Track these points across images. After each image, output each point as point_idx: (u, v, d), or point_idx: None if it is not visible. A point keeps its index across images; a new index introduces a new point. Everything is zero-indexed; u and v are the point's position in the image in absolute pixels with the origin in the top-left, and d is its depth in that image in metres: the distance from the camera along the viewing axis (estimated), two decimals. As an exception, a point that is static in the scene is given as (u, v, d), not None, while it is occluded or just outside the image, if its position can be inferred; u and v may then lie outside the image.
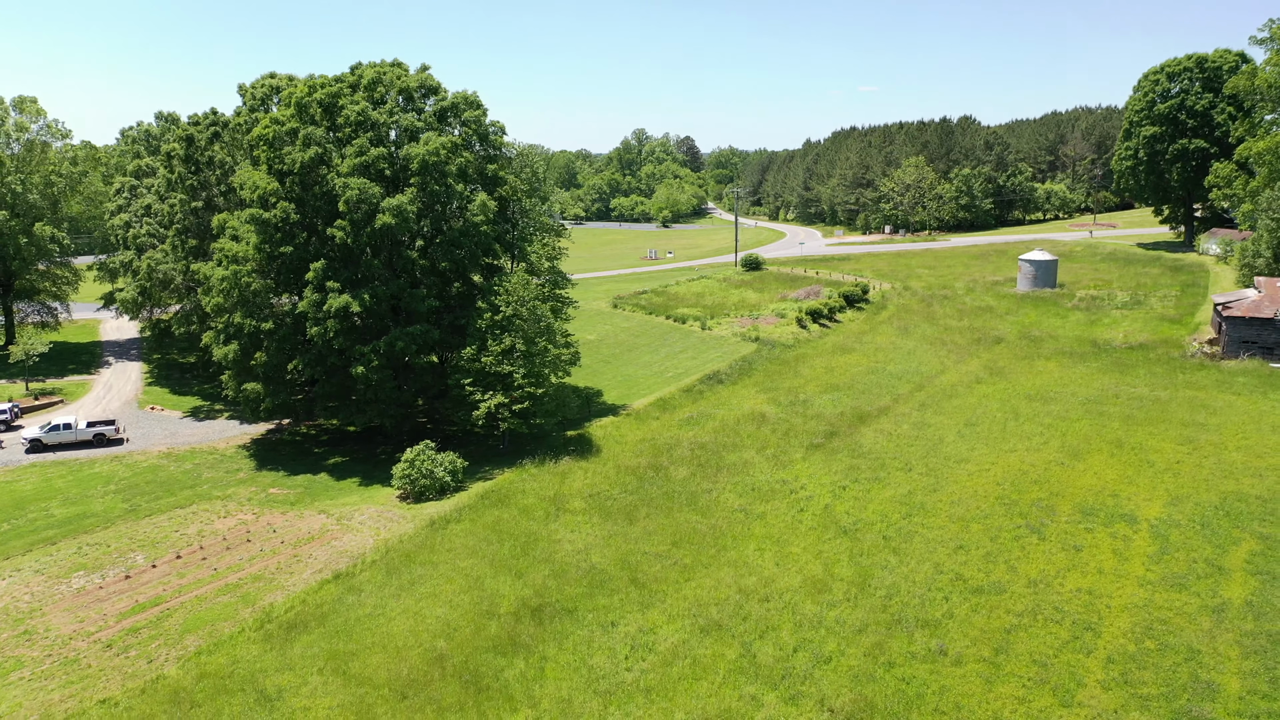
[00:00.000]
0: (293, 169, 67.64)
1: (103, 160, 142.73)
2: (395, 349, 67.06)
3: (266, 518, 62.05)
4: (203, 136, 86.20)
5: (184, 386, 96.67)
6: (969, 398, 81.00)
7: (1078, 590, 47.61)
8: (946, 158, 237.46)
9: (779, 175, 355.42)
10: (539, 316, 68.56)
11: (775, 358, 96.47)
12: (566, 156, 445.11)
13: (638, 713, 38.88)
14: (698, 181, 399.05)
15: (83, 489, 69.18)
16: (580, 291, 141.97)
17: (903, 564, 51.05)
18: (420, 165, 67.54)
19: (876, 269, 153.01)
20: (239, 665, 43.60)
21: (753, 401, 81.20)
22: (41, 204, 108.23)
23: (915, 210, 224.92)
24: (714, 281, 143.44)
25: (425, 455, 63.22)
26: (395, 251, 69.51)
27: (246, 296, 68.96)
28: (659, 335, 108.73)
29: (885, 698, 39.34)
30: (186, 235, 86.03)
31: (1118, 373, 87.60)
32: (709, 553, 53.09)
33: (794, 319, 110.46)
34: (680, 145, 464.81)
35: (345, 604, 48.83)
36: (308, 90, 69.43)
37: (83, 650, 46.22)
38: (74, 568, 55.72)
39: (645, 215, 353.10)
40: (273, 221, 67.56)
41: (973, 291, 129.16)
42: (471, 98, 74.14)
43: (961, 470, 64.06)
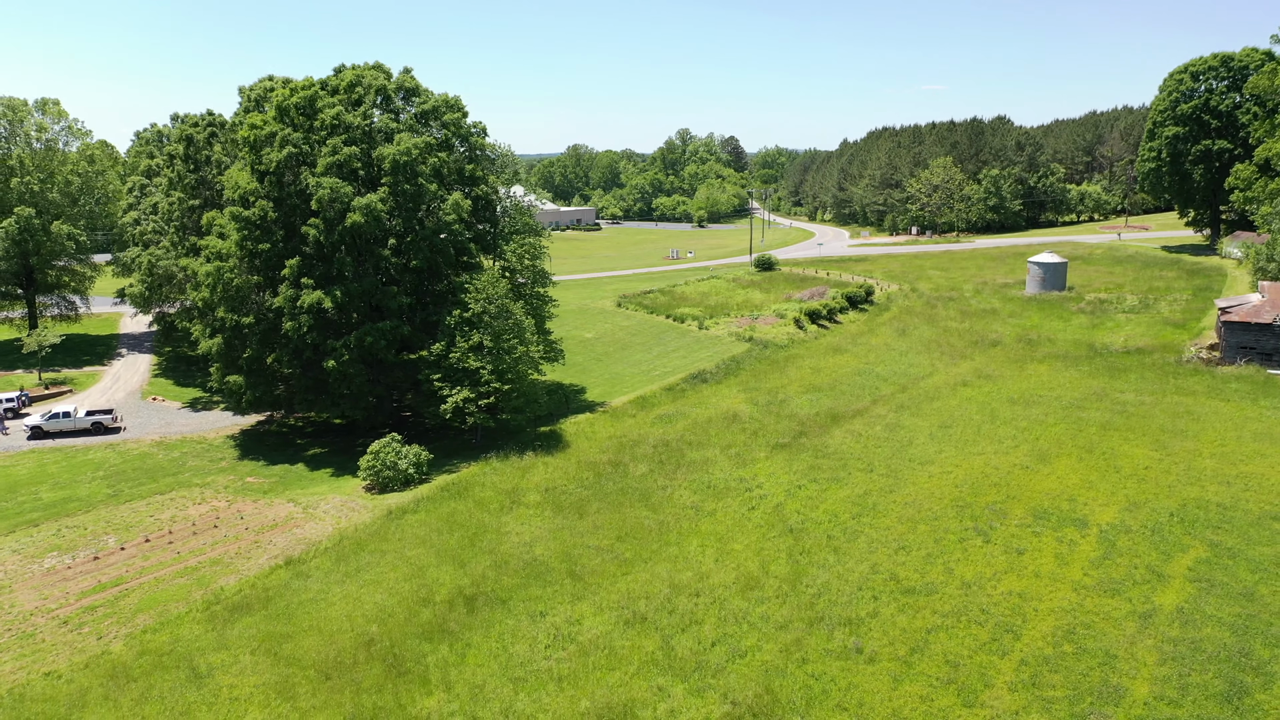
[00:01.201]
0: (270, 169, 69.85)
1: (120, 160, 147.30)
2: (365, 344, 68.95)
3: (238, 505, 64.13)
4: (201, 136, 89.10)
5: (188, 379, 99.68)
6: (950, 400, 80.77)
7: (1009, 593, 47.66)
8: (976, 158, 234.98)
9: (817, 176, 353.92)
10: (508, 314, 69.87)
11: (765, 358, 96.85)
12: (611, 156, 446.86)
13: (546, 700, 39.89)
14: (740, 182, 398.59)
15: (73, 474, 71.96)
16: (589, 290, 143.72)
17: (840, 563, 51.44)
18: (391, 165, 69.36)
19: (889, 270, 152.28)
20: (179, 644, 45.43)
21: (730, 401, 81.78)
22: (61, 202, 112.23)
23: (942, 211, 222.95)
24: (723, 281, 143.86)
25: (390, 448, 64.91)
26: (367, 250, 71.40)
27: (229, 292, 71.30)
28: (655, 334, 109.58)
29: (790, 692, 39.92)
30: (185, 232, 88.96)
31: (1108, 377, 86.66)
32: (651, 548, 53.93)
33: (792, 319, 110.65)
34: (724, 145, 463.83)
35: (291, 589, 50.51)
36: (288, 93, 71.56)
37: (40, 626, 48.41)
38: (49, 548, 58.18)
39: (686, 215, 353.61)
40: (252, 219, 69.86)
41: (980, 294, 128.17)
42: (452, 100, 75.75)
43: (923, 472, 64.11)
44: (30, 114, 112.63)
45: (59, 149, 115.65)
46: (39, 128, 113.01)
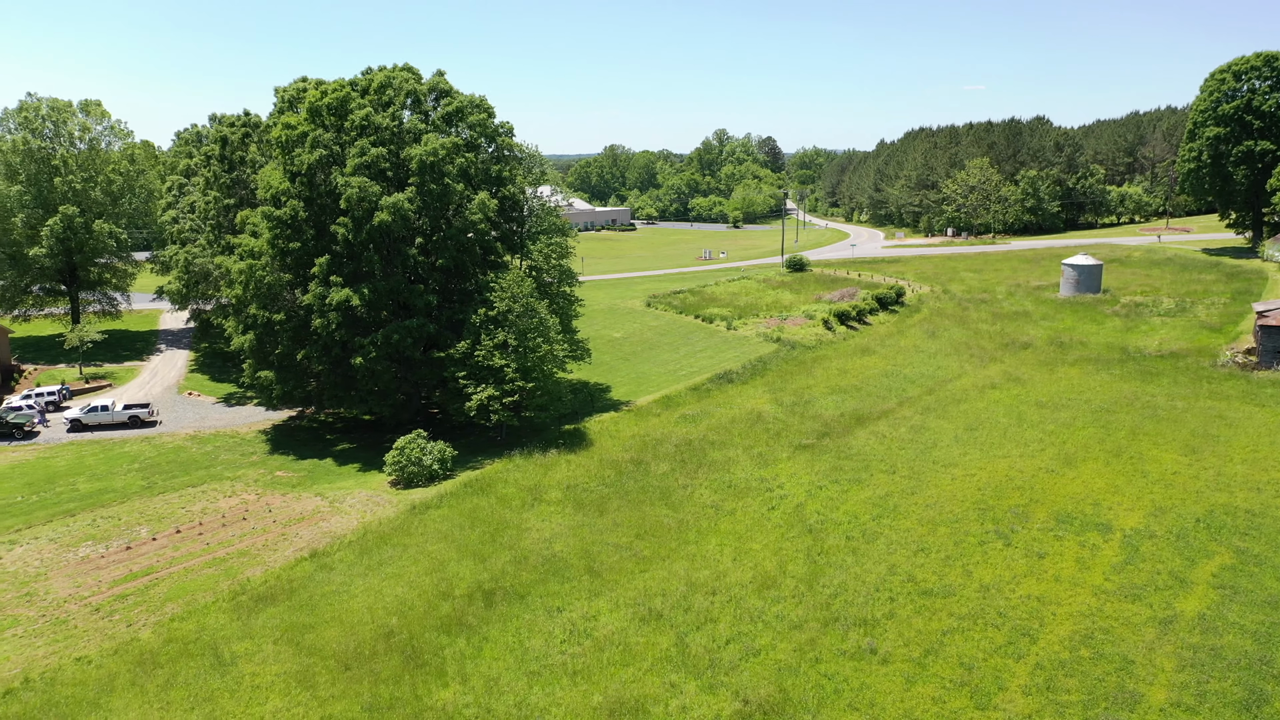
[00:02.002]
0: (301, 169, 71.15)
1: (161, 160, 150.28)
2: (392, 341, 70.00)
3: (266, 498, 65.38)
4: (236, 137, 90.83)
5: (223, 374, 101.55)
6: (977, 403, 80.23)
7: (1027, 597, 47.42)
8: (1013, 159, 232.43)
9: (854, 177, 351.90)
10: (533, 313, 70.54)
11: (792, 358, 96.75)
12: (647, 156, 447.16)
13: (559, 693, 40.38)
14: (777, 182, 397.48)
15: (109, 466, 73.71)
16: (620, 290, 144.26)
17: (858, 564, 51.45)
18: (419, 165, 70.37)
19: (921, 272, 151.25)
20: (205, 632, 46.50)
21: (755, 401, 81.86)
22: (103, 201, 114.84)
23: (978, 213, 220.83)
24: (753, 282, 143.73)
25: (415, 444, 65.84)
26: (395, 248, 72.47)
27: (261, 289, 72.73)
28: (683, 334, 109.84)
29: (802, 691, 40.07)
30: (221, 231, 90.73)
31: (1140, 381, 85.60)
32: (670, 546, 54.27)
33: (821, 320, 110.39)
34: (762, 146, 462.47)
35: (314, 581, 51.46)
36: (320, 94, 72.83)
37: (73, 612, 49.76)
38: (84, 538, 59.72)
39: (722, 216, 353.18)
40: (284, 218, 71.22)
41: (1013, 296, 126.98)
42: (479, 101, 76.65)
43: (946, 474, 63.84)
44: (74, 115, 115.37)
45: (101, 149, 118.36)
46: (82, 128, 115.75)
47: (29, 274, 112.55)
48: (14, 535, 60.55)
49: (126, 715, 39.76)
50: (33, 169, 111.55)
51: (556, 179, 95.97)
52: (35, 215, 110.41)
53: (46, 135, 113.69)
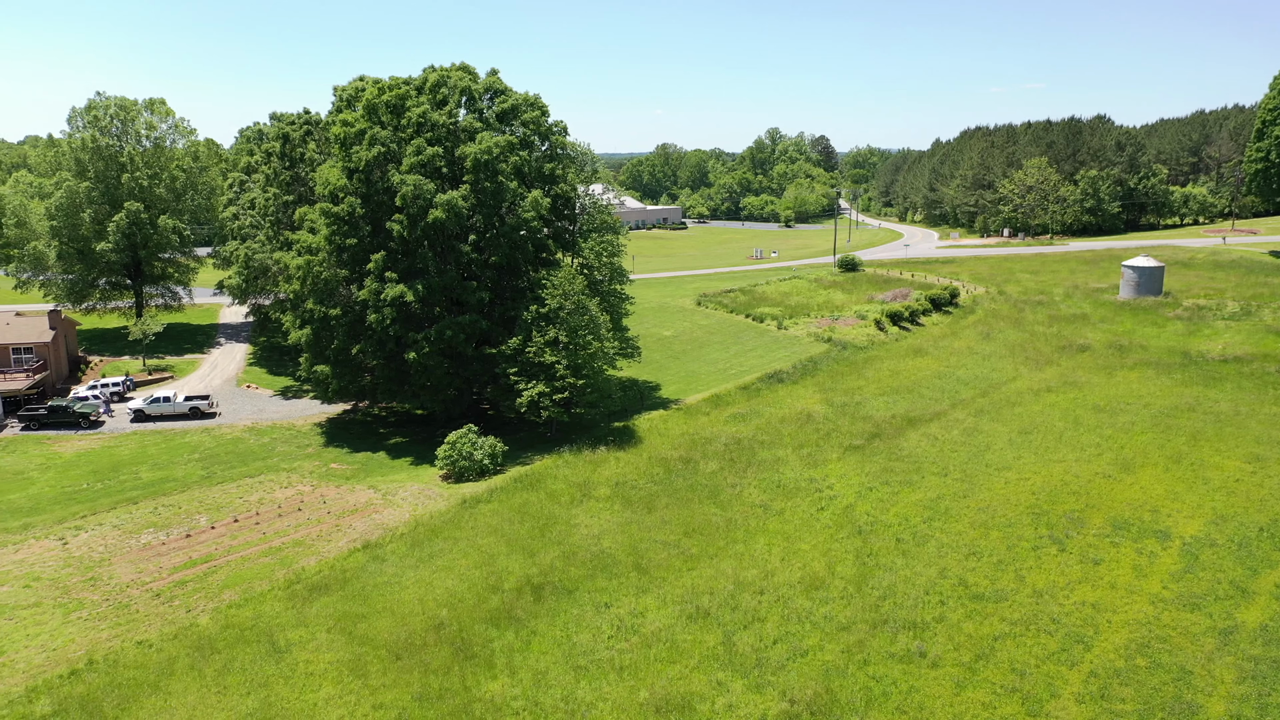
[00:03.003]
0: (359, 166, 72.35)
1: (223, 157, 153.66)
2: (445, 337, 70.89)
3: (321, 490, 66.61)
4: (296, 135, 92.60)
5: (280, 368, 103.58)
6: (1033, 406, 78.97)
7: (1082, 603, 46.64)
8: (1073, 159, 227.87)
9: (908, 176, 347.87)
10: (584, 310, 70.93)
11: (843, 359, 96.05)
12: (699, 155, 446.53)
13: (606, 689, 40.63)
14: (830, 181, 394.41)
15: (171, 456, 75.64)
16: (670, 288, 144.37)
17: (908, 566, 50.99)
18: (473, 163, 71.17)
19: (976, 273, 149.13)
20: (261, 619, 47.55)
21: (805, 401, 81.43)
22: (167, 197, 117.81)
23: (1035, 213, 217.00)
24: (805, 282, 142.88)
25: (467, 439, 66.62)
26: (449, 245, 73.38)
27: (319, 285, 74.09)
28: (733, 333, 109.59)
29: (850, 693, 39.86)
30: (280, 227, 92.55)
31: (1202, 386, 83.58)
32: (717, 544, 54.27)
33: (873, 321, 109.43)
34: (815, 145, 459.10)
35: (367, 571, 52.35)
36: (377, 92, 74.01)
37: (135, 597, 51.19)
38: (146, 525, 61.38)
39: (774, 215, 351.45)
40: (341, 215, 72.49)
41: (1070, 298, 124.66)
42: (533, 99, 77.28)
43: (999, 478, 62.97)
44: (140, 113, 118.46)
45: (166, 146, 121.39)
46: (148, 126, 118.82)
47: (96, 268, 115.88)
48: (80, 521, 62.45)
49: (185, 698, 40.83)
50: (100, 166, 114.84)
51: (608, 177, 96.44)
52: (102, 211, 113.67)
53: (114, 133, 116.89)
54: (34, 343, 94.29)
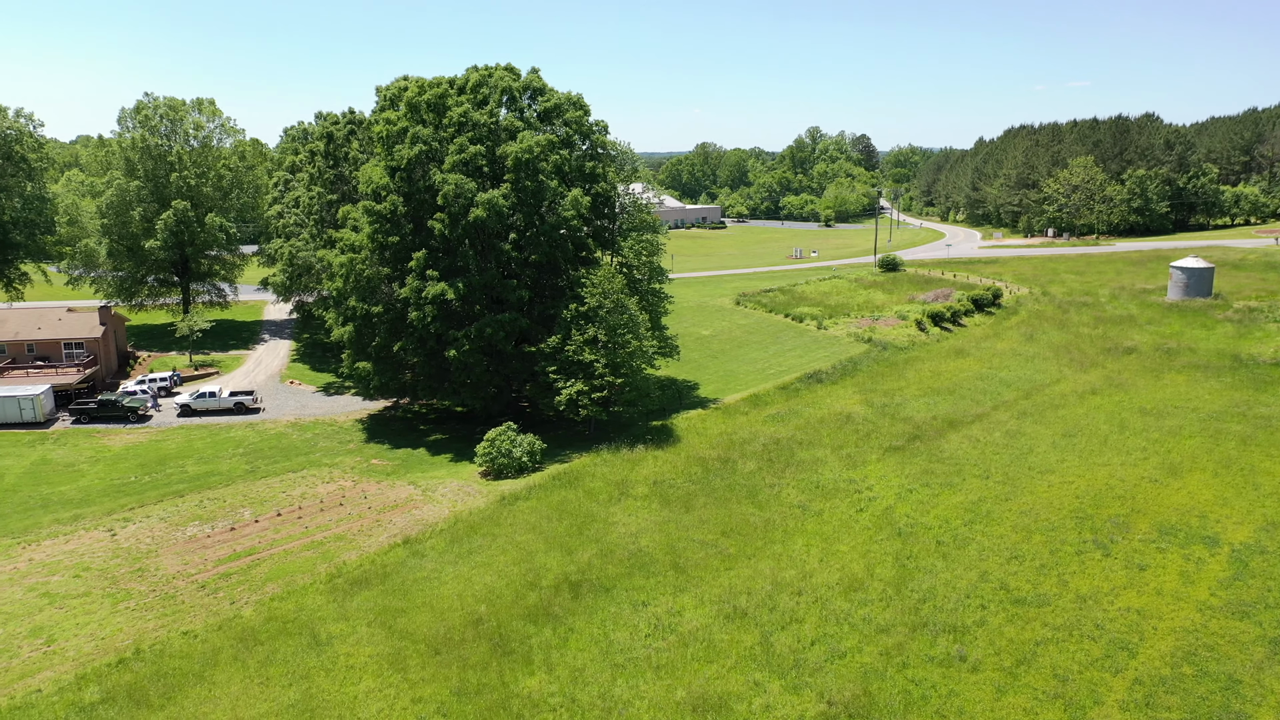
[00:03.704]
0: (401, 165, 73.07)
1: (269, 156, 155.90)
2: (485, 335, 71.37)
3: (362, 485, 67.37)
4: (340, 134, 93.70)
5: (323, 364, 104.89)
6: (1077, 408, 77.79)
7: (1127, 609, 45.90)
8: (1120, 158, 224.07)
9: (950, 175, 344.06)
10: (623, 309, 71.02)
11: (884, 359, 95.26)
12: (739, 154, 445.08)
13: (643, 687, 40.69)
14: (871, 181, 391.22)
15: (216, 450, 76.91)
16: (709, 288, 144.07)
17: (948, 569, 50.48)
18: (514, 162, 71.56)
19: (1019, 273, 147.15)
20: (303, 612, 48.21)
21: (845, 401, 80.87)
22: (214, 195, 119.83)
23: (1081, 213, 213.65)
24: (845, 281, 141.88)
25: (506, 436, 67.01)
26: (489, 243, 73.83)
27: (361, 282, 74.95)
28: (772, 333, 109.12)
29: (889, 696, 39.57)
30: (323, 225, 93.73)
31: (1252, 389, 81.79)
32: (755, 544, 54.10)
33: (914, 321, 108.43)
34: (855, 144, 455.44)
35: (407, 566, 52.85)
36: (419, 91, 74.67)
37: (181, 589, 52.14)
38: (192, 518, 62.48)
39: (814, 214, 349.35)
40: (383, 213, 73.28)
41: (1116, 299, 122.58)
42: (575, 98, 77.54)
43: (1042, 481, 62.13)
44: (189, 113, 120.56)
45: (213, 146, 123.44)
46: (196, 126, 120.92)
47: (145, 265, 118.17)
48: (128, 514, 63.71)
49: (229, 688, 41.50)
50: (150, 165, 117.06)
51: (648, 176, 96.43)
52: (151, 209, 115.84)
53: (163, 133, 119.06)
54: (85, 338, 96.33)
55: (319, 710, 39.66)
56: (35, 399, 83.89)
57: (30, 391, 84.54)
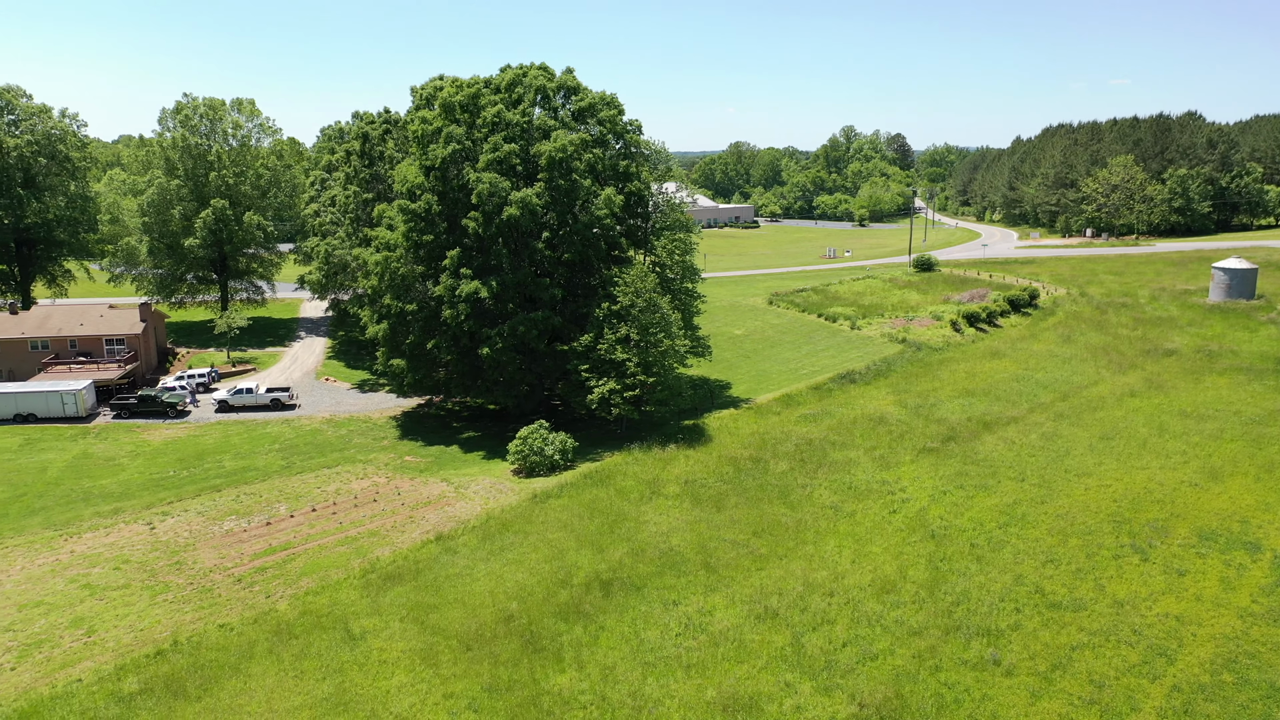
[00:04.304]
0: (436, 164, 73.57)
1: (306, 155, 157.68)
2: (518, 333, 71.70)
3: (396, 482, 67.93)
4: (376, 133, 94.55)
5: (358, 361, 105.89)
6: (1115, 411, 76.70)
7: (1165, 615, 45.19)
8: (1160, 157, 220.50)
9: (987, 175, 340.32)
10: (656, 308, 71.02)
11: (918, 360, 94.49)
12: (773, 153, 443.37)
13: (673, 686, 40.66)
14: (905, 180, 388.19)
15: (252, 446, 77.88)
16: (742, 287, 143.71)
17: (982, 572, 49.99)
18: (548, 161, 71.83)
19: (1057, 274, 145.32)
20: (337, 607, 48.68)
21: (878, 402, 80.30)
22: (252, 194, 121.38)
23: (1120, 213, 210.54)
24: (879, 281, 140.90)
25: (538, 434, 67.26)
26: (523, 242, 74.15)
27: (396, 280, 75.57)
28: (805, 333, 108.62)
29: (921, 699, 39.25)
30: (359, 224, 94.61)
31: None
32: (787, 545, 53.89)
33: (949, 322, 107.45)
34: (890, 143, 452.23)
35: (440, 563, 53.20)
36: (454, 90, 75.15)
37: (217, 582, 52.86)
38: (228, 512, 63.32)
39: (848, 214, 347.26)
40: (418, 212, 73.86)
41: (1156, 300, 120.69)
42: (609, 98, 77.64)
43: (1079, 484, 61.33)
44: (228, 113, 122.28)
45: (252, 145, 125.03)
46: (235, 125, 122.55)
47: (185, 263, 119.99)
48: (167, 507, 64.70)
49: (264, 681, 42.00)
50: (189, 164, 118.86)
51: (681, 175, 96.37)
52: (190, 208, 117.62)
53: (202, 132, 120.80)
54: (125, 334, 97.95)
55: (352, 704, 40.04)
56: (77, 394, 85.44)
57: (73, 386, 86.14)
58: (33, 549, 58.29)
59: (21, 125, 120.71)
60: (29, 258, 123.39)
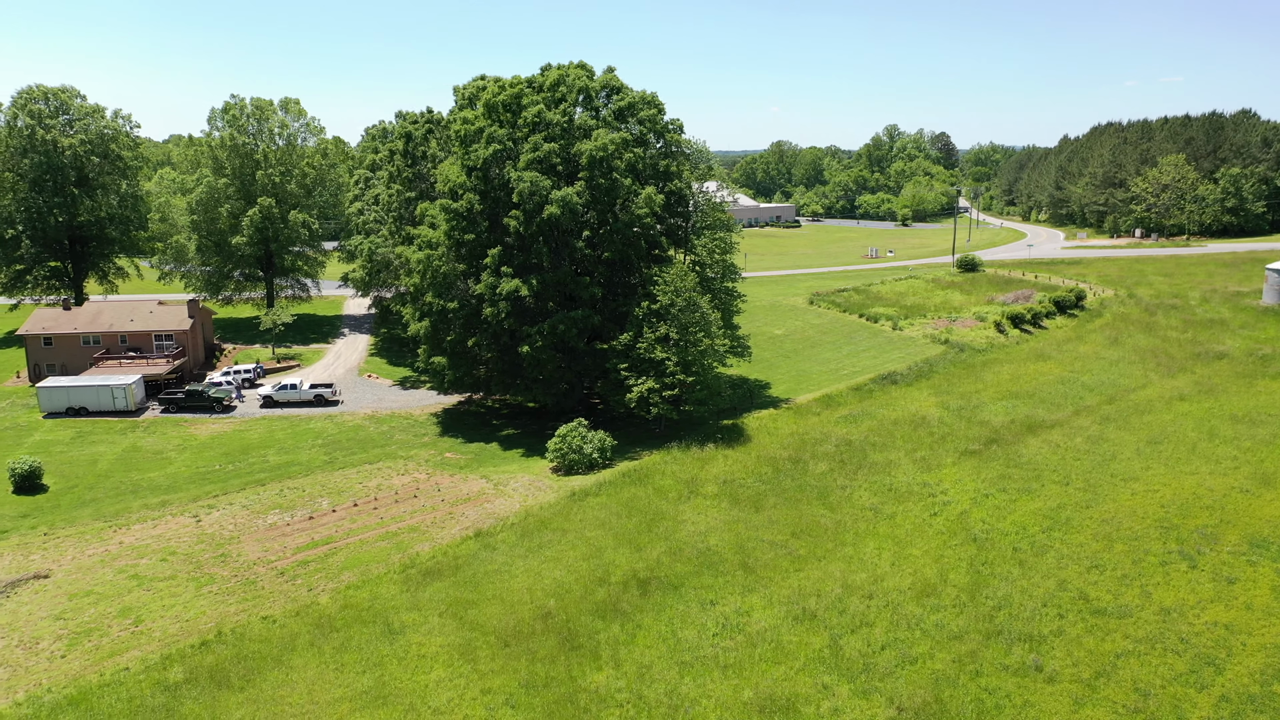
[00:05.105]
0: (477, 164, 74.07)
1: (350, 154, 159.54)
2: (558, 331, 71.96)
3: (436, 478, 68.49)
4: (419, 133, 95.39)
5: (400, 358, 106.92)
6: (1163, 415, 75.22)
7: (1214, 624, 44.27)
8: (1213, 156, 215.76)
9: (1033, 174, 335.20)
10: (695, 307, 70.90)
11: (961, 361, 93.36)
12: (815, 153, 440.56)
13: (710, 686, 40.60)
14: (950, 180, 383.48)
15: (296, 441, 78.96)
16: (782, 287, 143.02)
17: (1025, 577, 49.30)
18: (589, 160, 72.02)
19: (1104, 275, 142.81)
20: (377, 601, 49.22)
21: (920, 404, 79.48)
22: (298, 193, 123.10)
23: (1171, 213, 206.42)
24: (921, 282, 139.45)
25: (576, 432, 67.45)
26: (563, 241, 74.41)
27: (437, 278, 76.21)
28: (846, 333, 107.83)
29: (961, 704, 38.82)
30: (402, 222, 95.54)
31: (1354, 399, 78.10)
32: (826, 546, 53.55)
33: (992, 323, 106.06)
34: (934, 142, 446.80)
35: (478, 559, 53.56)
36: (496, 90, 75.62)
37: (261, 575, 53.66)
38: (272, 506, 64.27)
39: (890, 213, 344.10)
40: (460, 211, 74.41)
41: (1207, 302, 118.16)
42: (649, 97, 77.61)
43: (1125, 489, 60.24)
44: (275, 113, 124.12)
45: (297, 144, 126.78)
46: (281, 125, 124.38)
47: (232, 261, 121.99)
48: (212, 500, 65.82)
49: (305, 673, 42.58)
50: (237, 163, 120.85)
51: (722, 174, 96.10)
52: (238, 206, 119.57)
53: (250, 132, 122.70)
54: (174, 330, 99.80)
55: (391, 698, 40.45)
56: (128, 388, 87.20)
57: (123, 381, 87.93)
58: (83, 539, 59.63)
59: (76, 125, 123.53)
60: (82, 255, 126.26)
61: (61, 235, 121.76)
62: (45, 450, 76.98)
